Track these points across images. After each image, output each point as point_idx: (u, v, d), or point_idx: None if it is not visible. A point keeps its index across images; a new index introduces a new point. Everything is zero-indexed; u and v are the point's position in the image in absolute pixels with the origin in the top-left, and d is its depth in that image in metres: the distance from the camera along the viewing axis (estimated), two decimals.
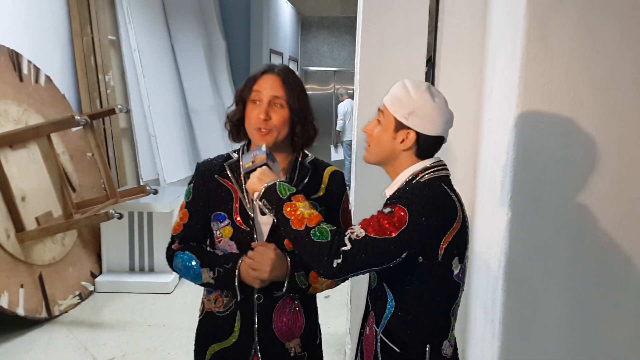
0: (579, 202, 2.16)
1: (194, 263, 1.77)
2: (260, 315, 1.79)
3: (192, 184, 1.84)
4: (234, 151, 1.87)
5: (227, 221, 1.78)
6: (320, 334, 1.96)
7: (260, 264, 1.69)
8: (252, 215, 1.76)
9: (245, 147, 1.85)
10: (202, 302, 1.90)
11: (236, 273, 1.72)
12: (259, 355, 1.80)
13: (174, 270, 1.84)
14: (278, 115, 1.72)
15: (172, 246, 1.85)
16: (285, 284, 1.73)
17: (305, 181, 1.80)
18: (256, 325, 1.78)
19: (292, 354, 1.83)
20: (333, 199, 1.84)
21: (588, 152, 2.13)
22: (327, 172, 1.86)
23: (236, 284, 1.72)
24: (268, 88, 1.72)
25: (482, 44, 2.76)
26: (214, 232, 1.81)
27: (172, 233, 1.87)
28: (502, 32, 2.39)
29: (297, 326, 1.83)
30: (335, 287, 1.84)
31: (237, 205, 1.78)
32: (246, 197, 1.77)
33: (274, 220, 1.74)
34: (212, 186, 1.81)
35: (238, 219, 1.77)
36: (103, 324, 4.27)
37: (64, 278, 4.55)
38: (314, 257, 1.45)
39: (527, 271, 2.20)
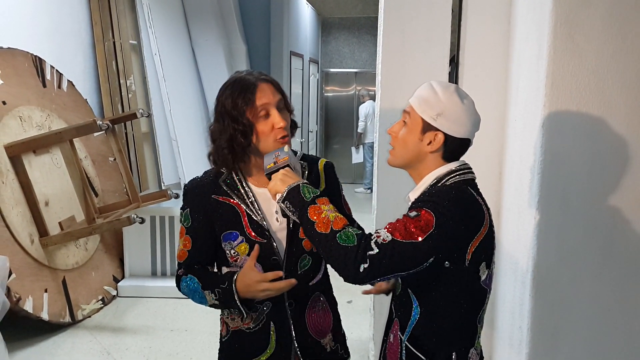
0: (608, 204, 2.10)
1: (197, 286, 1.71)
2: (295, 320, 1.77)
3: (187, 209, 1.74)
4: None
5: (240, 238, 1.71)
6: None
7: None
8: (265, 225, 1.70)
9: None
10: (224, 323, 1.83)
11: (234, 290, 1.64)
12: (301, 359, 1.79)
13: (185, 294, 1.78)
14: (287, 117, 1.71)
15: (178, 272, 1.79)
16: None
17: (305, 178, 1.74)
18: (293, 333, 1.76)
19: (328, 350, 1.84)
20: (333, 190, 1.82)
21: (618, 152, 2.08)
22: (321, 165, 1.84)
23: (237, 301, 1.65)
24: (270, 95, 1.65)
25: (507, 42, 2.71)
26: (227, 252, 1.73)
27: (178, 260, 1.80)
28: (528, 30, 2.34)
29: (327, 323, 1.85)
30: None
31: (246, 220, 1.71)
32: (254, 209, 1.71)
33: (289, 225, 1.70)
34: (210, 207, 1.72)
35: (252, 234, 1.70)
36: (126, 329, 4.28)
37: (87, 282, 4.57)
38: (340, 262, 1.41)
39: (555, 276, 2.15)
